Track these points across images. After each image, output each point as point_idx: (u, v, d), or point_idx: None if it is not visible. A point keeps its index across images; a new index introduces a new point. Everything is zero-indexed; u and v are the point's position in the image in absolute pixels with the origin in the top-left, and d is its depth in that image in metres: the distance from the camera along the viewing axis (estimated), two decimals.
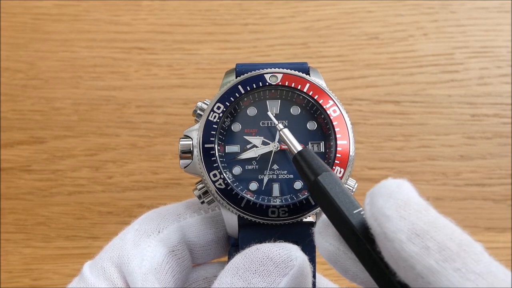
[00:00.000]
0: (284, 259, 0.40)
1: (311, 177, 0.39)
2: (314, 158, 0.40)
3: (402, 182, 0.33)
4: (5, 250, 0.67)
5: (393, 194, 0.32)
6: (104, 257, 0.43)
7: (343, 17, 0.72)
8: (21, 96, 0.70)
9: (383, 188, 0.33)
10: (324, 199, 0.37)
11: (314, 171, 0.39)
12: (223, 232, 0.48)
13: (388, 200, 0.32)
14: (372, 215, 0.33)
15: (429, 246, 0.30)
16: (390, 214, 0.31)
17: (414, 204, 0.32)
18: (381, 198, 0.32)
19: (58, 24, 0.72)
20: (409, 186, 0.33)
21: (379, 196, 0.33)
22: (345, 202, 0.36)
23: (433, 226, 0.31)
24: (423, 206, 0.32)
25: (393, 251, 0.31)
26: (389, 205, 0.32)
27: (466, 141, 0.69)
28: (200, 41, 0.72)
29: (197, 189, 0.45)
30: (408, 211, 0.32)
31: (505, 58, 0.71)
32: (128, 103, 0.70)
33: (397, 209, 0.32)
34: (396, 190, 0.33)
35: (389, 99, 0.70)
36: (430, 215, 0.32)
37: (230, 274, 0.40)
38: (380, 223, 0.32)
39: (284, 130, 0.43)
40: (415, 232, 0.31)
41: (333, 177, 0.38)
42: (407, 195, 0.32)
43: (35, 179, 0.69)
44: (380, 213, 0.32)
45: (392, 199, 0.32)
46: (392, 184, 0.33)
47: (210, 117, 0.45)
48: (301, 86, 0.46)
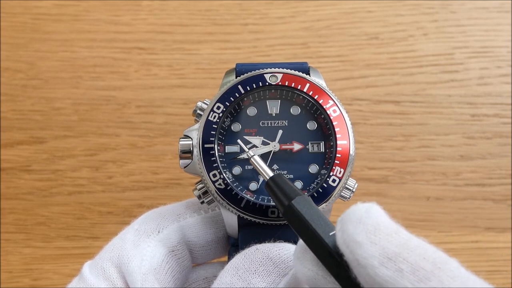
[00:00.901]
0: (283, 259, 0.40)
1: (284, 202, 0.38)
2: (286, 183, 0.40)
3: (371, 206, 0.33)
4: (5, 250, 0.67)
5: (362, 219, 0.32)
6: (103, 257, 0.43)
7: (343, 17, 0.72)
8: (21, 96, 0.70)
9: (352, 214, 0.33)
10: (299, 223, 0.37)
11: (287, 195, 0.38)
12: (223, 232, 0.48)
13: (358, 226, 0.32)
14: (343, 242, 0.32)
15: (402, 268, 0.30)
16: (360, 240, 0.31)
17: (383, 228, 0.32)
18: (350, 224, 0.32)
19: (58, 24, 0.72)
20: (378, 210, 0.33)
21: (349, 223, 0.32)
22: (320, 225, 0.36)
23: (404, 248, 0.31)
24: (393, 229, 0.32)
25: (367, 277, 0.31)
26: (359, 231, 0.32)
27: (466, 141, 0.69)
28: (200, 41, 0.72)
29: (196, 189, 0.45)
30: (378, 236, 0.31)
31: (505, 58, 0.71)
32: (128, 103, 0.70)
33: (367, 235, 0.31)
34: (365, 215, 0.32)
35: (389, 99, 0.70)
36: (401, 237, 0.32)
37: (229, 274, 0.40)
38: (352, 250, 0.32)
39: (254, 157, 0.43)
40: (387, 256, 0.31)
41: (307, 200, 0.38)
42: (376, 220, 0.32)
43: (35, 179, 0.69)
44: (351, 240, 0.32)
45: (362, 224, 0.32)
46: (361, 209, 0.33)
47: (210, 117, 0.45)
48: (301, 86, 0.46)
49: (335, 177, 0.44)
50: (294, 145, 0.46)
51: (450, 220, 0.67)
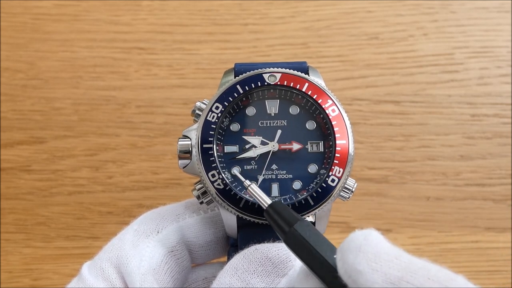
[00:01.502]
0: (282, 259, 0.40)
1: (285, 228, 0.38)
2: (286, 209, 0.40)
3: (369, 233, 0.33)
4: (5, 250, 0.68)
5: (362, 247, 0.32)
6: (102, 257, 0.43)
7: (343, 17, 0.72)
8: (21, 96, 0.70)
9: (351, 243, 0.33)
10: (302, 247, 0.37)
11: (287, 221, 0.38)
12: (222, 232, 0.48)
13: (358, 255, 0.32)
14: (345, 272, 0.32)
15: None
16: (361, 269, 0.31)
17: (384, 254, 0.32)
18: (350, 253, 0.32)
19: (58, 24, 0.72)
20: (377, 236, 0.33)
21: (348, 252, 0.32)
22: (323, 248, 0.36)
23: (407, 271, 0.31)
24: (394, 254, 0.32)
25: None
26: (359, 259, 0.32)
27: (466, 141, 0.69)
28: (200, 41, 0.72)
29: (196, 189, 0.45)
30: (379, 263, 0.31)
31: (505, 58, 0.70)
32: (128, 103, 0.70)
33: (368, 262, 0.31)
34: (364, 242, 0.32)
35: (389, 99, 0.70)
36: (402, 261, 0.31)
37: (229, 275, 0.40)
38: (354, 279, 0.31)
39: (251, 186, 0.43)
40: (390, 281, 0.31)
41: (308, 224, 0.38)
42: (376, 246, 0.32)
43: (35, 179, 0.69)
44: (352, 269, 0.32)
45: (362, 252, 0.32)
46: (359, 237, 0.33)
47: (209, 117, 0.45)
48: (300, 85, 0.46)
49: (334, 177, 0.44)
50: (293, 145, 0.46)
51: (450, 220, 0.67)
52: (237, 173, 0.45)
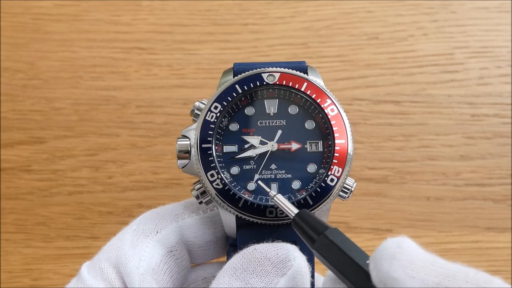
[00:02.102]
0: (282, 259, 0.40)
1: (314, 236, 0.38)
2: (313, 217, 0.40)
3: (402, 241, 0.33)
4: (5, 250, 0.68)
5: (396, 255, 0.32)
6: (102, 257, 0.43)
7: (343, 17, 0.72)
8: (21, 96, 0.70)
9: (385, 251, 0.33)
10: (334, 253, 0.37)
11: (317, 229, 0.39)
12: (222, 232, 0.48)
13: (393, 263, 0.32)
14: (380, 281, 0.32)
15: None
16: (397, 277, 0.31)
17: (419, 260, 0.32)
18: (384, 261, 0.32)
19: (58, 24, 0.72)
20: (410, 243, 0.33)
21: (382, 260, 0.32)
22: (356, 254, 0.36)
23: (444, 277, 0.31)
24: (429, 260, 0.32)
25: None
26: (394, 267, 0.31)
27: (466, 141, 0.69)
28: (200, 41, 0.72)
29: (195, 189, 0.45)
30: (415, 270, 0.31)
31: (505, 58, 0.70)
32: (128, 103, 0.70)
33: (404, 270, 0.31)
34: (398, 250, 0.32)
35: (389, 99, 0.70)
36: (438, 266, 0.31)
37: (228, 275, 0.40)
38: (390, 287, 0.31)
39: (277, 196, 0.42)
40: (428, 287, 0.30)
41: (338, 232, 0.38)
42: (410, 253, 0.32)
43: (35, 179, 0.69)
44: (387, 277, 0.32)
45: (396, 260, 0.32)
46: (392, 245, 0.33)
47: (208, 117, 0.45)
48: (298, 85, 0.46)
49: (333, 177, 0.44)
50: (292, 145, 0.46)
51: (450, 220, 0.67)
52: (261, 183, 0.45)
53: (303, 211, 0.40)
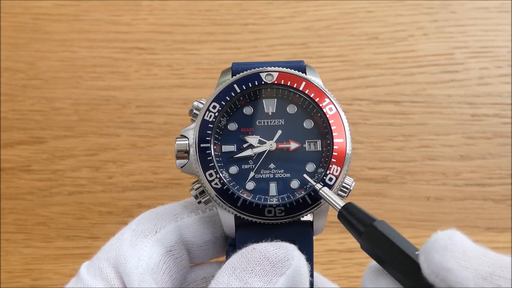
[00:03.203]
0: (280, 259, 0.40)
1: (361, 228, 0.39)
2: (360, 210, 0.40)
3: (453, 233, 0.33)
4: (5, 250, 0.68)
5: (448, 247, 0.32)
6: (101, 257, 0.43)
7: (343, 17, 0.72)
8: (21, 96, 0.70)
9: (436, 243, 0.33)
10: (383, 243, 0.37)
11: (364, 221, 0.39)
12: (221, 232, 0.48)
13: (445, 254, 0.32)
14: (432, 272, 0.32)
15: (500, 284, 0.30)
16: (451, 267, 0.31)
17: (471, 251, 0.32)
18: (436, 253, 0.32)
19: (58, 24, 0.72)
20: (461, 236, 0.33)
21: (434, 252, 0.32)
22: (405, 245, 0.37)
23: (497, 266, 0.31)
24: (481, 252, 0.32)
25: None
26: (447, 258, 0.32)
27: (466, 141, 0.69)
28: (200, 41, 0.72)
29: (193, 189, 0.45)
30: (468, 260, 0.31)
31: (505, 58, 0.70)
32: (128, 103, 0.70)
33: (457, 261, 0.31)
34: (450, 242, 0.32)
35: (389, 99, 0.70)
36: (491, 257, 0.32)
37: (227, 274, 0.40)
38: (443, 278, 0.32)
39: (323, 189, 0.43)
40: (482, 277, 0.31)
41: (386, 224, 0.39)
42: (462, 245, 0.32)
43: (35, 179, 0.69)
44: (440, 268, 0.32)
45: (448, 251, 0.32)
46: (443, 237, 0.33)
47: (206, 116, 0.45)
48: (297, 84, 0.46)
49: (332, 176, 0.44)
50: (290, 144, 0.46)
51: (450, 220, 0.67)
52: (306, 176, 0.45)
53: (349, 203, 0.41)
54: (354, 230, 0.40)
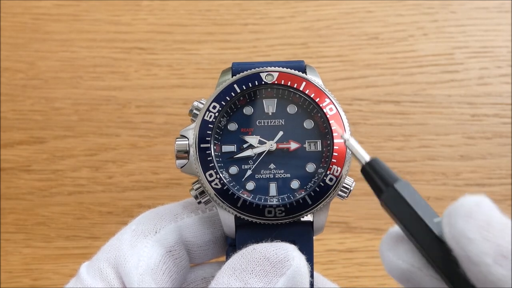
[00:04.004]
0: (281, 259, 0.40)
1: (383, 186, 0.37)
2: (385, 167, 0.38)
3: (482, 200, 0.31)
4: (5, 250, 0.68)
5: (473, 214, 0.30)
6: (100, 257, 0.43)
7: (343, 17, 0.72)
8: (21, 96, 0.70)
9: (462, 208, 0.31)
10: (401, 207, 0.36)
11: (386, 180, 0.37)
12: (221, 232, 0.47)
13: (469, 221, 0.30)
14: (453, 237, 0.31)
15: None
16: (472, 236, 0.30)
17: (496, 223, 0.30)
18: (460, 218, 0.30)
19: (58, 24, 0.72)
20: (489, 204, 0.31)
21: (458, 217, 0.31)
22: (425, 210, 0.35)
23: None
24: (507, 225, 0.30)
25: (479, 275, 0.30)
26: (470, 226, 0.30)
27: (466, 141, 0.69)
28: (200, 41, 0.72)
29: (193, 189, 0.45)
30: (492, 232, 0.30)
31: (505, 58, 0.70)
32: (128, 103, 0.70)
33: (480, 230, 0.30)
34: (476, 209, 0.31)
35: (389, 99, 0.70)
36: None
37: (227, 275, 0.40)
38: (463, 246, 0.30)
39: (350, 141, 0.41)
40: (502, 254, 0.29)
41: (408, 185, 0.37)
42: (489, 214, 0.30)
43: (35, 179, 0.69)
44: (461, 235, 0.30)
45: (473, 219, 0.30)
46: (471, 203, 0.31)
47: (206, 116, 0.45)
48: (297, 84, 0.46)
49: (332, 176, 0.44)
50: (291, 144, 0.46)
51: None
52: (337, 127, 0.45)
53: (375, 159, 0.39)
54: (376, 188, 0.38)
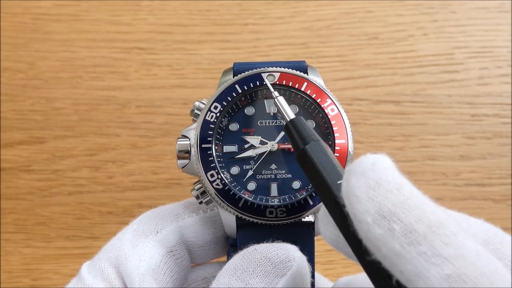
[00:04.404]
0: (282, 260, 0.39)
1: (300, 146, 0.37)
2: (305, 127, 0.38)
3: (378, 159, 0.31)
4: (5, 250, 0.68)
5: (365, 172, 0.30)
6: (102, 257, 0.43)
7: (343, 17, 0.72)
8: (21, 96, 0.70)
9: (358, 166, 0.31)
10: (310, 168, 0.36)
11: (303, 140, 0.37)
12: (222, 232, 0.47)
13: (360, 179, 0.30)
14: (345, 194, 0.31)
15: (394, 228, 0.28)
16: (359, 195, 0.30)
17: (385, 183, 0.30)
18: (354, 176, 0.30)
19: (58, 24, 0.72)
20: (385, 163, 0.31)
21: (352, 174, 0.31)
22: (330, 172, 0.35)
23: (402, 207, 0.29)
24: (396, 185, 0.30)
25: (362, 233, 0.30)
26: (359, 184, 0.30)
27: (466, 141, 0.69)
28: (200, 41, 0.72)
29: (195, 189, 0.45)
30: (378, 191, 0.29)
31: (505, 58, 0.70)
32: (128, 103, 0.70)
33: (367, 190, 0.30)
34: (370, 168, 0.30)
35: (389, 99, 0.70)
36: (402, 194, 0.29)
37: (228, 275, 0.40)
38: (351, 203, 0.30)
39: (279, 98, 0.42)
40: (382, 214, 0.29)
41: (321, 146, 0.37)
42: (380, 174, 0.30)
43: (35, 179, 0.69)
44: (351, 193, 0.30)
45: (364, 178, 0.30)
46: (367, 162, 0.31)
47: (207, 116, 0.45)
48: (298, 85, 0.45)
49: None
50: None
51: None
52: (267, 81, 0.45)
53: (297, 118, 0.39)
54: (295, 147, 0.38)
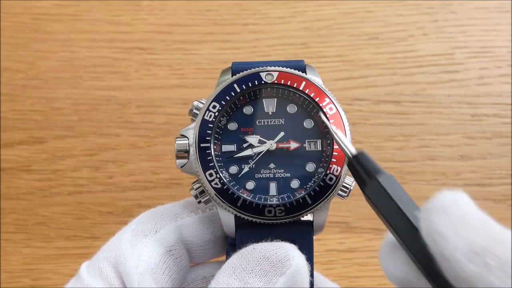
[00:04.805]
0: (280, 259, 0.39)
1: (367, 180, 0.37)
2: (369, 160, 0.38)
3: (458, 196, 0.31)
4: (5, 250, 0.68)
5: (448, 209, 0.30)
6: (101, 257, 0.43)
7: (343, 17, 0.72)
8: (21, 96, 0.70)
9: (438, 203, 0.31)
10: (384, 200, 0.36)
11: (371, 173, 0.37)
12: (221, 231, 0.47)
13: (443, 217, 0.30)
14: (427, 233, 0.31)
15: (490, 263, 0.28)
16: (445, 233, 0.30)
17: (470, 220, 0.30)
18: (435, 214, 0.30)
19: (58, 24, 0.72)
20: (465, 200, 0.31)
21: (433, 212, 0.31)
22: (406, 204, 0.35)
23: (493, 242, 0.29)
24: (481, 221, 0.30)
25: (452, 271, 0.29)
26: (444, 222, 0.30)
27: (466, 141, 0.69)
28: (200, 41, 0.72)
29: (193, 189, 0.45)
30: (465, 228, 0.29)
31: (505, 58, 0.70)
32: (128, 103, 0.70)
33: (453, 227, 0.29)
34: (451, 205, 0.31)
35: (389, 99, 0.70)
36: (490, 230, 0.29)
37: (226, 274, 0.40)
38: (436, 242, 0.30)
39: (336, 131, 0.41)
40: (473, 251, 0.29)
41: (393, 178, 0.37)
42: (463, 210, 0.30)
43: (35, 179, 0.69)
44: (435, 231, 0.30)
45: (447, 215, 0.30)
46: (446, 199, 0.31)
47: (206, 116, 0.45)
48: (297, 84, 0.45)
49: (332, 176, 0.44)
50: (290, 144, 0.46)
51: None
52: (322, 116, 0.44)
53: (361, 152, 0.39)
54: (359, 181, 0.38)
